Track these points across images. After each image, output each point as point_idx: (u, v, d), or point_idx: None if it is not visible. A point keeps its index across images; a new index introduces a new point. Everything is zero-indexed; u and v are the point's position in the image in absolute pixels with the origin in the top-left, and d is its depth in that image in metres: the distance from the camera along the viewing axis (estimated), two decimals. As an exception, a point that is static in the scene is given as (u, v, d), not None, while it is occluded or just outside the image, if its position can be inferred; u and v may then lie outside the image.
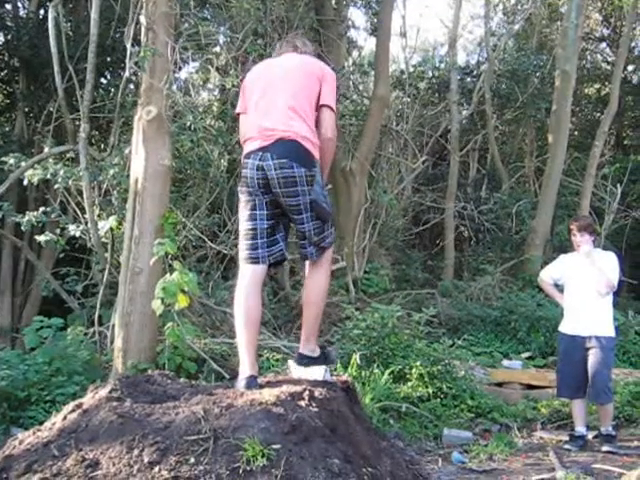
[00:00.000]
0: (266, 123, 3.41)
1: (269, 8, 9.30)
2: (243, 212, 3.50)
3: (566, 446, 5.52)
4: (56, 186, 7.63)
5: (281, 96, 3.44)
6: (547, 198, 13.00)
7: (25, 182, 7.56)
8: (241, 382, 3.22)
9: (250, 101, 3.57)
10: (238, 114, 3.72)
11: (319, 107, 3.51)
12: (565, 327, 5.79)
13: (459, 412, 6.36)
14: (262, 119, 3.44)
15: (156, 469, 2.57)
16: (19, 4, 11.79)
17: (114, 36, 9.32)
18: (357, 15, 40.53)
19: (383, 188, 12.68)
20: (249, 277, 3.43)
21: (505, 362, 8.71)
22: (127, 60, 6.68)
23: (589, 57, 18.81)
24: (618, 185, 13.66)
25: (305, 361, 3.38)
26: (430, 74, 16.62)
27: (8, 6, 11.55)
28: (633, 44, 17.30)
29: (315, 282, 3.49)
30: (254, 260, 3.43)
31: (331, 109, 3.53)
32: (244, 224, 3.48)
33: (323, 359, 3.49)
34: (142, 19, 6.41)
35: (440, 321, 9.98)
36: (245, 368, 3.29)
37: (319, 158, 3.47)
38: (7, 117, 12.62)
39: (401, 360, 6.67)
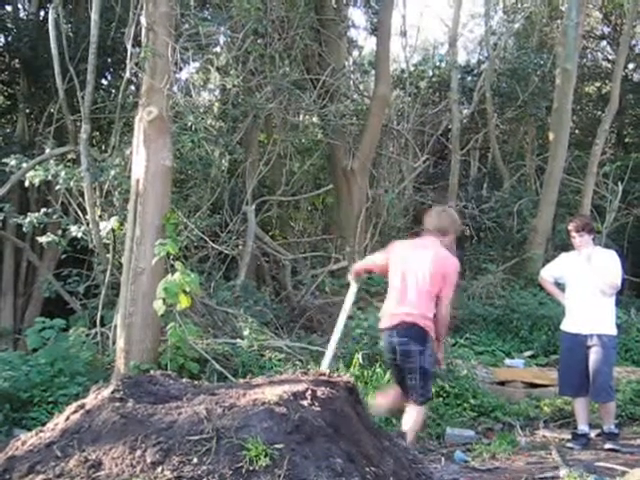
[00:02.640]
0: (398, 310, 4.66)
1: (269, 8, 9.28)
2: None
3: (569, 444, 5.51)
4: (57, 187, 7.64)
5: (413, 288, 4.64)
6: (548, 196, 12.97)
7: (26, 183, 7.58)
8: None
9: (393, 273, 4.79)
10: (378, 257, 5.08)
11: (439, 296, 4.65)
12: (567, 325, 5.78)
13: (462, 411, 6.35)
14: (396, 306, 4.69)
15: (159, 469, 2.57)
16: (19, 5, 11.78)
17: (114, 37, 9.31)
18: (357, 15, 40.41)
19: (384, 187, 12.65)
20: None
21: (507, 361, 8.70)
22: (128, 61, 6.68)
23: (590, 55, 18.74)
24: (619, 183, 13.62)
25: None
26: (431, 73, 16.58)
27: (8, 7, 11.53)
28: (633, 42, 17.24)
29: (411, 417, 4.69)
30: None
31: (448, 301, 4.70)
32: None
33: None
34: (142, 20, 6.40)
35: (442, 320, 9.94)
36: None
37: (437, 330, 4.68)
38: (8, 119, 12.62)
39: (403, 359, 6.65)
